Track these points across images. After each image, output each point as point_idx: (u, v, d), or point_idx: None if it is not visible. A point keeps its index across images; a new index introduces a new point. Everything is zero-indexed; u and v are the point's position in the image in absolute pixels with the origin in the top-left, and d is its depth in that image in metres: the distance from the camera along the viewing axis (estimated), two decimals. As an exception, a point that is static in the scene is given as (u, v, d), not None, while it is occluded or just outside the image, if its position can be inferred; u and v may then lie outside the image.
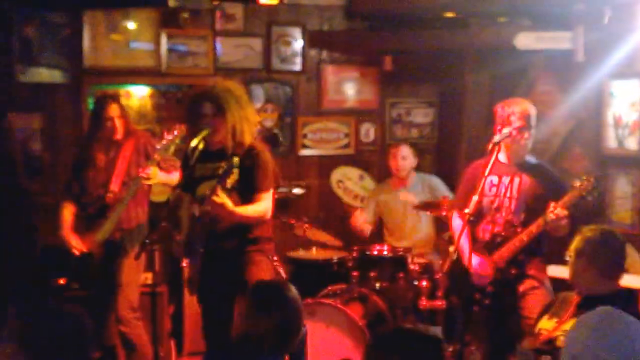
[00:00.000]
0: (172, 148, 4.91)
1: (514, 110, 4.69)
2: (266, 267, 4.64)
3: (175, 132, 4.81)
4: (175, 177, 5.09)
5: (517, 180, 4.78)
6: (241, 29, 6.80)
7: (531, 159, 4.87)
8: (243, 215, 4.49)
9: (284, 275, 4.99)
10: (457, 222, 5.07)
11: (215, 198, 4.25)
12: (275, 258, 4.71)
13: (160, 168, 5.11)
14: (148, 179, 5.07)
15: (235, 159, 4.25)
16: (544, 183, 4.75)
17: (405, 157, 6.46)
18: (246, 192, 4.48)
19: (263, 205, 4.57)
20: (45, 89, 6.26)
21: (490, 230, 4.81)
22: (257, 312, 3.03)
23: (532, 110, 4.75)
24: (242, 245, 4.61)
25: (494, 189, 4.81)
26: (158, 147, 4.93)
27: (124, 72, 6.46)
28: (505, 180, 4.81)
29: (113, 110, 5.26)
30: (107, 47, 6.38)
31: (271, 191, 4.63)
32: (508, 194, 4.79)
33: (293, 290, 3.14)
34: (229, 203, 4.32)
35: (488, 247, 4.79)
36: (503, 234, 4.75)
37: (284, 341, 3.03)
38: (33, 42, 6.16)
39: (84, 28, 6.29)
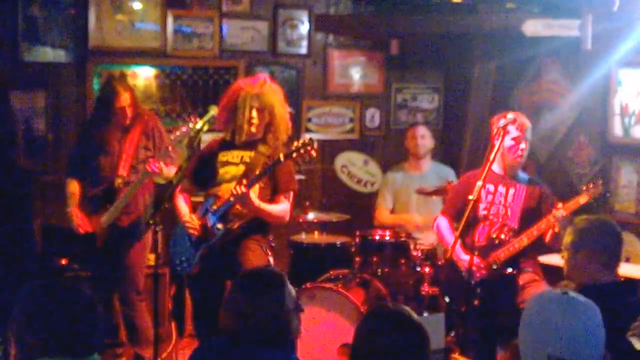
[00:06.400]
0: (186, 140, 4.87)
1: (513, 120, 4.82)
2: (260, 256, 4.71)
3: (191, 125, 4.74)
4: (172, 170, 5.09)
5: (512, 190, 4.97)
6: (247, 11, 6.75)
7: (524, 175, 5.08)
8: (266, 212, 4.59)
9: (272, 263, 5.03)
10: (441, 222, 5.20)
11: (250, 193, 4.41)
12: (269, 251, 4.76)
13: (165, 161, 5.06)
14: (158, 173, 5.03)
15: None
16: (537, 197, 4.96)
17: (424, 136, 6.52)
18: (268, 190, 4.60)
19: (283, 207, 4.70)
20: (49, 69, 6.23)
21: (487, 233, 4.90)
22: (241, 299, 2.97)
23: (528, 124, 4.95)
24: (244, 231, 4.65)
25: (490, 197, 4.98)
26: (172, 138, 4.85)
27: (129, 53, 6.43)
28: (502, 189, 4.98)
29: (124, 99, 5.23)
30: (113, 27, 6.35)
31: (292, 194, 4.71)
32: (503, 202, 4.96)
33: (283, 280, 3.08)
34: (256, 200, 4.48)
35: (484, 250, 4.84)
36: (501, 236, 4.83)
37: (273, 331, 2.96)
38: (38, 21, 6.13)
39: (90, 7, 6.25)
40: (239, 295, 2.96)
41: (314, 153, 4.38)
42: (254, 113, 4.64)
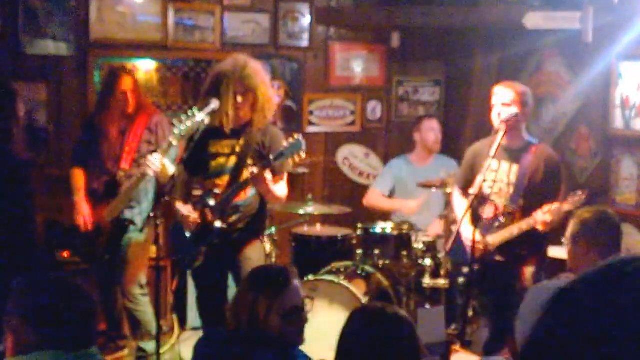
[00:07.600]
0: (189, 135, 4.84)
1: (507, 93, 4.81)
2: (259, 248, 4.79)
3: (196, 119, 4.61)
4: (172, 169, 5.02)
5: (515, 167, 4.89)
6: (249, 4, 6.76)
7: (532, 139, 4.98)
8: (275, 195, 4.59)
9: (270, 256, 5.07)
10: (457, 200, 5.17)
11: (265, 174, 4.39)
12: (267, 244, 4.81)
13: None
14: (155, 170, 4.93)
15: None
16: (544, 168, 4.85)
17: (440, 130, 6.46)
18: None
19: (283, 187, 4.71)
20: (51, 61, 6.24)
21: (493, 213, 4.90)
22: (248, 297, 2.99)
23: (522, 89, 4.90)
24: (242, 226, 4.68)
25: (493, 174, 4.91)
26: (176, 131, 4.70)
27: (130, 46, 6.43)
28: (505, 166, 4.91)
29: (126, 83, 5.24)
30: (114, 20, 6.35)
31: (285, 175, 4.72)
32: (506, 180, 4.90)
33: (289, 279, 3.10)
34: (271, 180, 4.46)
35: (485, 229, 4.86)
36: (501, 219, 4.83)
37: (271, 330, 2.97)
38: (39, 13, 6.13)
39: (91, 0, 6.26)
40: (246, 293, 2.99)
41: (303, 155, 4.39)
42: (239, 98, 4.61)
